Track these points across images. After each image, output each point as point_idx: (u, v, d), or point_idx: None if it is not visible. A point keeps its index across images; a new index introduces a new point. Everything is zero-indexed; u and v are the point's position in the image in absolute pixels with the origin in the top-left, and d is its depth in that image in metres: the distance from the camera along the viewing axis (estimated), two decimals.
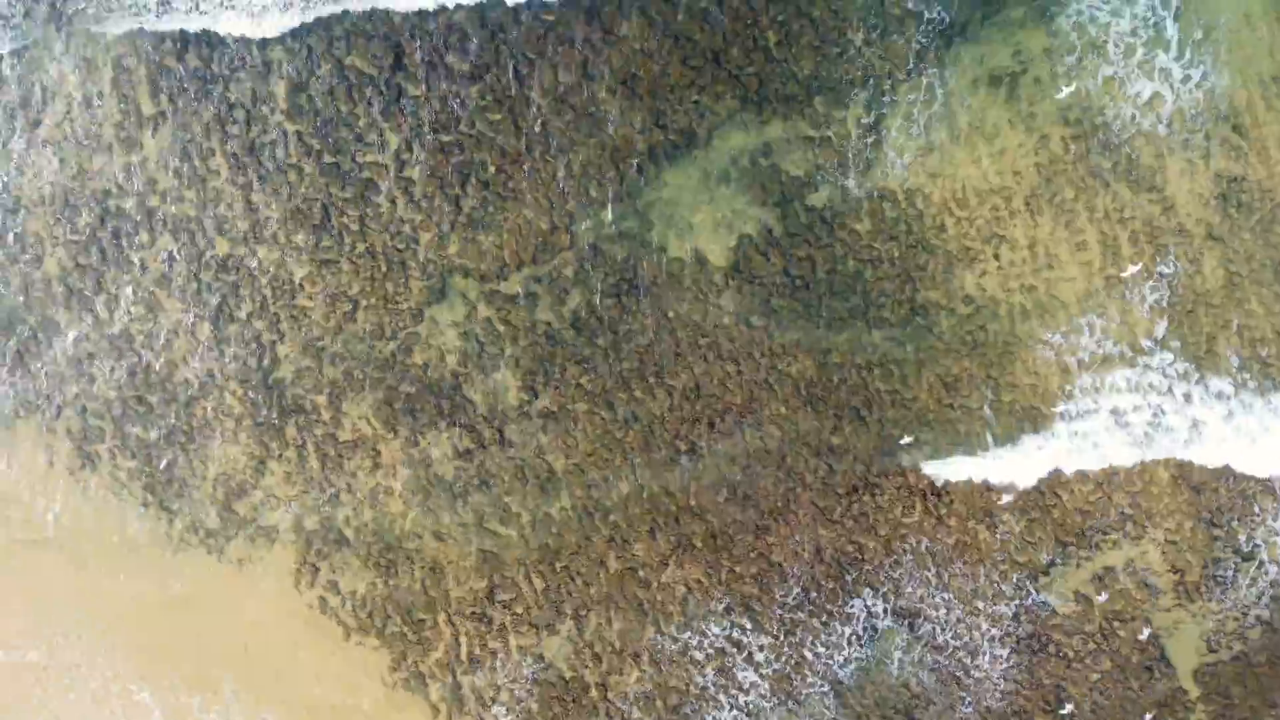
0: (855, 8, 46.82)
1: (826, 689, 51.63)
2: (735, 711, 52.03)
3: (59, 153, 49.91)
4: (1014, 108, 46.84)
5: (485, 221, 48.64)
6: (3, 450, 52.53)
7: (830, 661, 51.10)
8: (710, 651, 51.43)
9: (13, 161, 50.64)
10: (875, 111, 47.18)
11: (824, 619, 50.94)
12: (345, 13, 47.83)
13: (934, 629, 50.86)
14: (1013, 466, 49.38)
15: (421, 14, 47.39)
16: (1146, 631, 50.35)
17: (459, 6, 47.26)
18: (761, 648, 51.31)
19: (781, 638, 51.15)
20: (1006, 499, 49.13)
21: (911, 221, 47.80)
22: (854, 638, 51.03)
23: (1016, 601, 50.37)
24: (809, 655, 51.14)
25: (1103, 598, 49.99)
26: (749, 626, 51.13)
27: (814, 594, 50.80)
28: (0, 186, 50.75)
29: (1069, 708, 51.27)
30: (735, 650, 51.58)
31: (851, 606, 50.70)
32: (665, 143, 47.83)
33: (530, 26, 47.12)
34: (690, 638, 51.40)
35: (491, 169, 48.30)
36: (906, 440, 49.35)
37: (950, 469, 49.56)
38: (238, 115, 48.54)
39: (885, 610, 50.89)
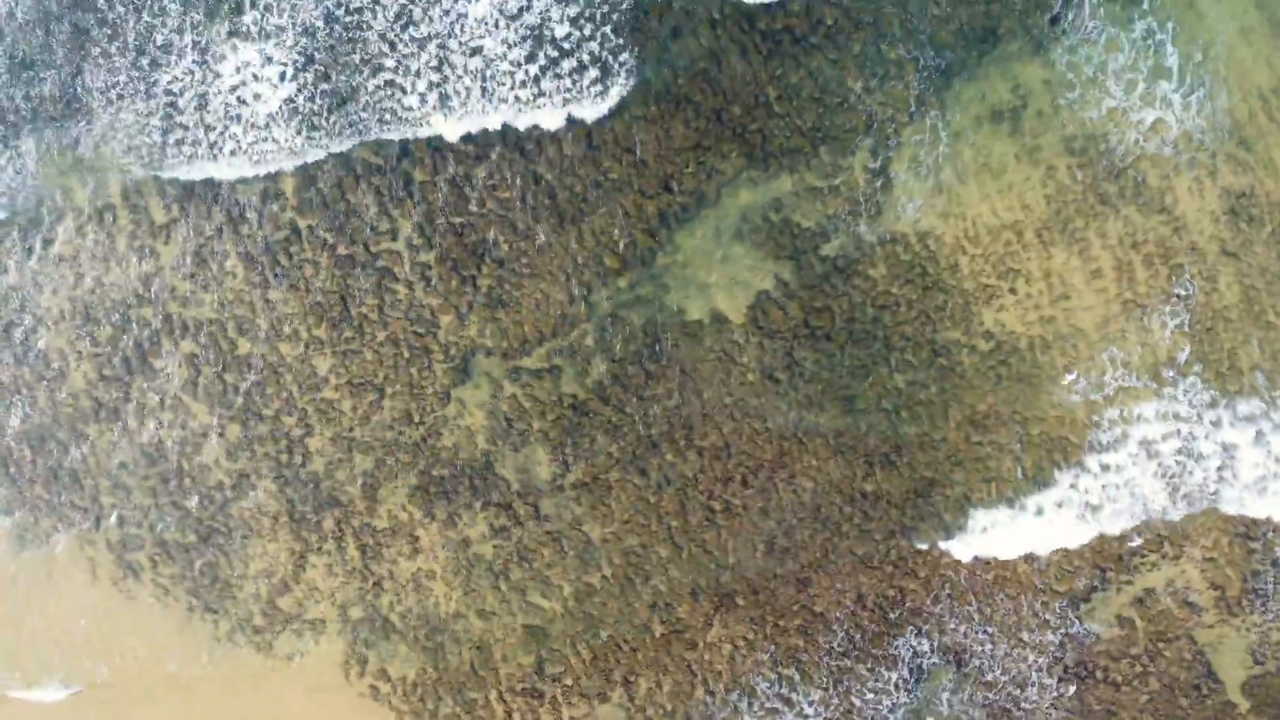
0: (852, 57, 45.22)
1: None
2: None
3: (74, 268, 48.32)
4: (1018, 142, 45.18)
5: (503, 299, 46.99)
6: (45, 566, 50.68)
7: (879, 707, 48.93)
8: (761, 713, 49.52)
9: (29, 279, 49.43)
10: (881, 157, 45.54)
11: (870, 664, 49.00)
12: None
13: (981, 664, 49.33)
14: (1054, 526, 47.85)
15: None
16: None
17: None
18: (811, 701, 49.53)
19: (830, 688, 49.00)
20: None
21: (926, 263, 46.17)
22: (901, 682, 49.30)
23: (1061, 630, 48.59)
24: (858, 703, 49.11)
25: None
26: (797, 679, 49.77)
27: (858, 637, 49.50)
28: (18, 305, 49.34)
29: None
30: (785, 707, 49.99)
31: (897, 647, 49.47)
32: (675, 205, 46.12)
33: None
34: (739, 698, 49.84)
35: (505, 247, 46.64)
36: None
37: (992, 543, 48.41)
38: (249, 215, 47.03)
39: (931, 648, 49.28)
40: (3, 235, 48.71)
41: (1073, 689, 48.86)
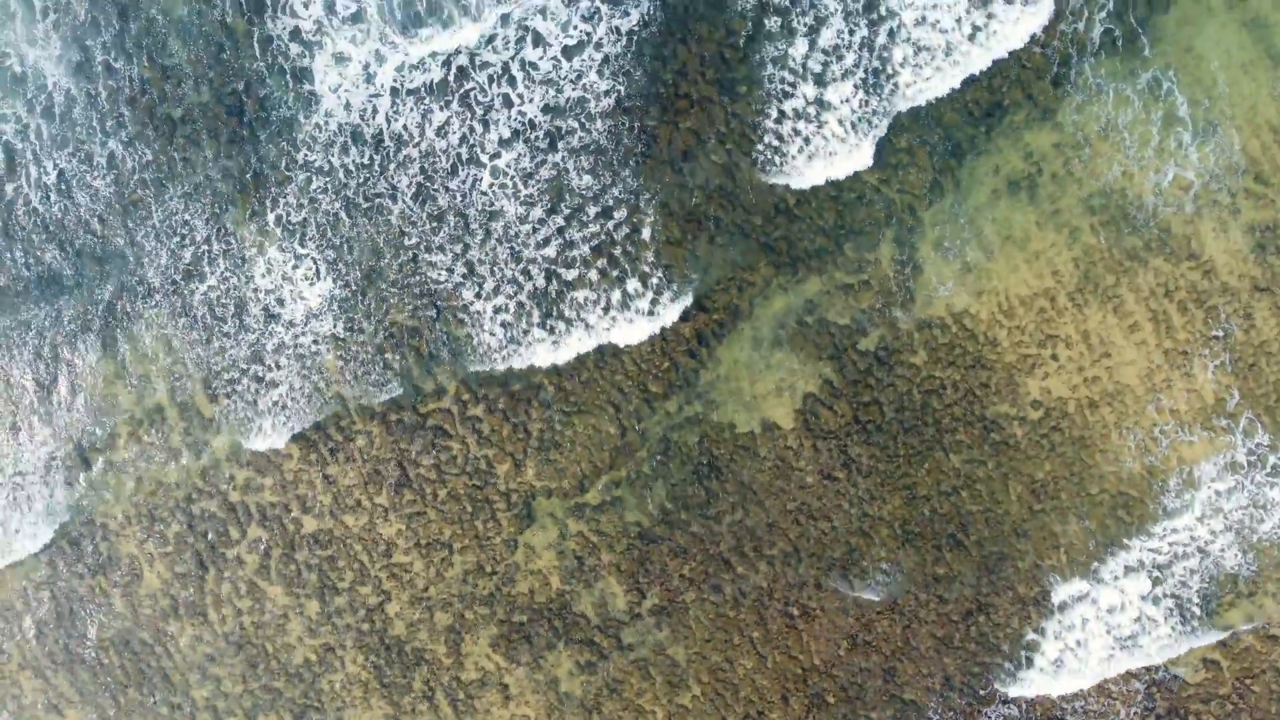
0: None
1: None
2: None
3: (133, 471, 46.08)
4: (1038, 209, 42.47)
5: (556, 440, 44.38)
6: None
7: None
8: None
9: (92, 490, 47.38)
10: (906, 245, 42.99)
11: None
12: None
13: None
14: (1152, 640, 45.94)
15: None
16: None
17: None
18: None
19: None
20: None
21: (965, 342, 43.70)
22: None
23: (1146, 679, 47.10)
24: None
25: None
26: None
27: (950, 716, 47.44)
28: (84, 519, 47.30)
29: None
30: None
31: (989, 717, 47.56)
32: (710, 323, 44.31)
33: None
34: None
35: (550, 389, 45.08)
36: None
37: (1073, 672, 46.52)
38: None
39: (1021, 713, 47.80)
40: (58, 453, 47.10)
41: None
